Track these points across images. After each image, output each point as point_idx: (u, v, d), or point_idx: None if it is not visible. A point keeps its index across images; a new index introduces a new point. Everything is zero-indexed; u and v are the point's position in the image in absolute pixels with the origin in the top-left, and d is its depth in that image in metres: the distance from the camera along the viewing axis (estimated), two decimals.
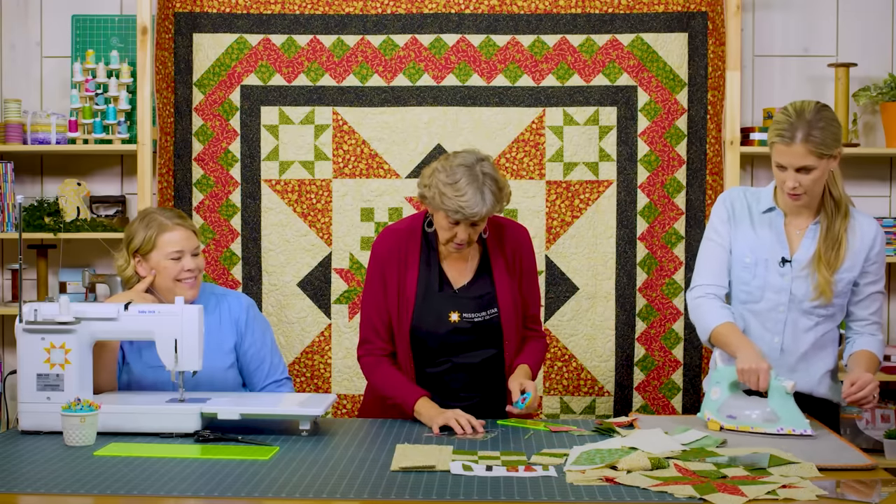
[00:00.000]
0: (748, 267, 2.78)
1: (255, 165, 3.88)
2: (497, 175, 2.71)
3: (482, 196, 2.64)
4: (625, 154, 3.84)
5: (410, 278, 2.81)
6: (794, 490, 2.02)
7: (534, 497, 2.00)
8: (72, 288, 3.94)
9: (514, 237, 2.89)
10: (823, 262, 2.70)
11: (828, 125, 2.64)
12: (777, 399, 2.50)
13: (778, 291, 2.75)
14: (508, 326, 2.82)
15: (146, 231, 2.82)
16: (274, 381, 2.94)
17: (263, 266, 3.88)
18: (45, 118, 3.89)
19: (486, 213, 2.66)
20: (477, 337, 2.81)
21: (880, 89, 3.86)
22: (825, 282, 2.69)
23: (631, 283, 3.85)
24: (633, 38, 3.83)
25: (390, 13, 3.86)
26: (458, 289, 2.83)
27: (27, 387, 2.57)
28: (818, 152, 2.62)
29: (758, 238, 2.79)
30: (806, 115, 2.64)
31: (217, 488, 2.06)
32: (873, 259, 2.76)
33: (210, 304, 2.90)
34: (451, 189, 2.64)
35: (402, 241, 2.84)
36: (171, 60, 3.87)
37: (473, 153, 2.74)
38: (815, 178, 2.65)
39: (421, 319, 2.79)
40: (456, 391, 2.82)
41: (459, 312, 2.80)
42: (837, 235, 2.71)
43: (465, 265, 2.85)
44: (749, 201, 2.84)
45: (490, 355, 2.83)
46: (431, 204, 2.71)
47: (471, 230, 2.71)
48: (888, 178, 4.07)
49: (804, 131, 2.62)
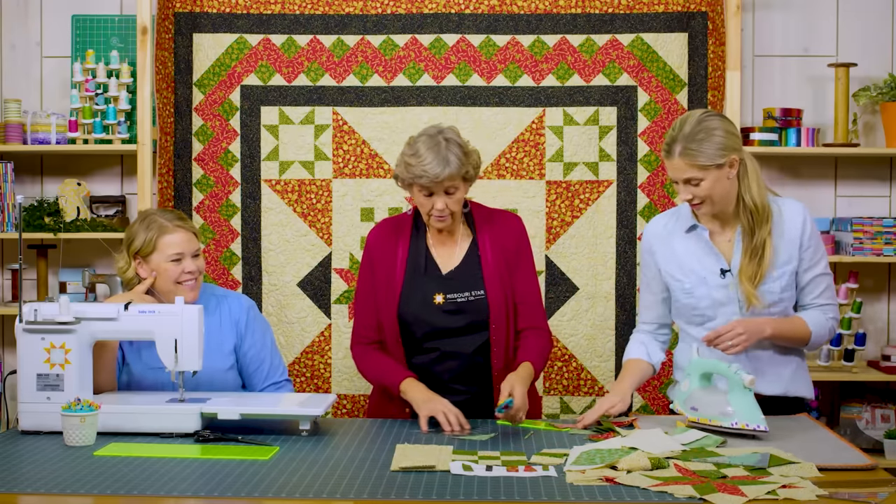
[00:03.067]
0: (690, 291, 2.76)
1: (255, 165, 3.88)
2: (462, 141, 2.78)
3: (445, 158, 2.70)
4: (625, 154, 3.84)
5: (399, 265, 2.84)
6: (794, 490, 2.02)
7: (534, 497, 2.00)
8: (72, 288, 3.94)
9: (506, 225, 2.90)
10: (745, 274, 2.68)
11: (708, 136, 2.61)
12: (735, 394, 2.49)
13: (726, 304, 2.73)
14: (496, 307, 2.80)
15: (146, 233, 2.82)
16: (274, 382, 2.94)
17: (263, 266, 3.88)
18: (45, 118, 3.89)
19: (450, 175, 2.70)
20: (464, 321, 2.80)
21: (880, 89, 3.86)
22: (750, 293, 2.67)
23: (631, 283, 3.85)
24: (633, 38, 3.83)
25: (390, 13, 3.86)
26: (446, 272, 2.84)
27: (27, 387, 2.57)
28: (698, 164, 2.61)
29: (688, 259, 2.77)
30: (685, 127, 2.63)
31: (217, 488, 2.06)
32: (807, 244, 2.72)
33: (210, 305, 2.90)
34: (414, 158, 2.73)
35: (392, 230, 2.90)
36: (171, 60, 3.87)
37: (435, 126, 2.81)
38: (709, 188, 2.64)
39: (407, 303, 2.81)
40: (445, 383, 2.80)
41: (444, 294, 2.81)
42: (761, 245, 2.68)
43: (454, 249, 2.87)
44: (669, 228, 2.83)
45: (480, 343, 2.81)
46: (404, 182, 2.78)
47: (447, 199, 2.74)
48: (888, 178, 4.07)
49: (681, 145, 2.62)
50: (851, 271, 3.87)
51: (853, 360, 3.84)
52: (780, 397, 2.76)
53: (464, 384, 2.83)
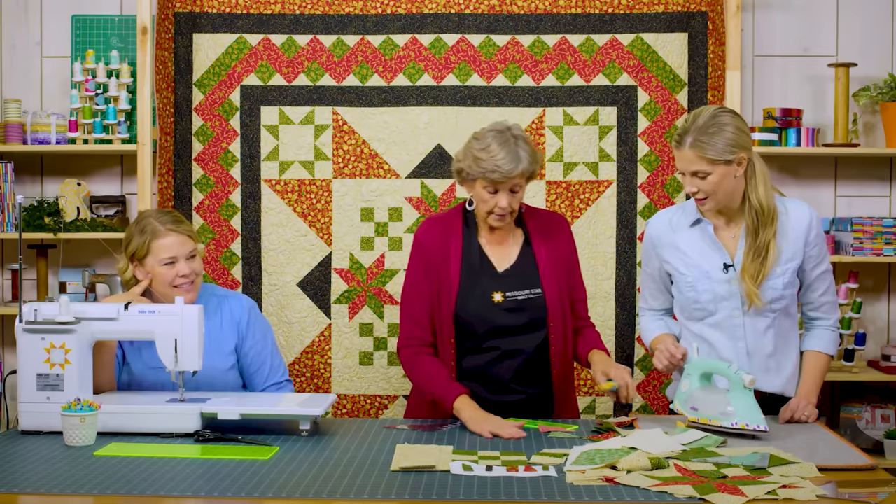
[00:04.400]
0: (692, 285, 2.78)
1: (255, 165, 3.88)
2: (528, 139, 2.76)
3: (517, 154, 2.69)
4: (625, 154, 3.84)
5: (454, 263, 2.81)
6: (794, 490, 2.02)
7: (534, 497, 2.00)
8: (72, 288, 3.94)
9: (554, 224, 2.91)
10: (748, 273, 2.70)
11: (720, 130, 2.64)
12: (735, 393, 2.49)
13: (728, 298, 2.75)
14: (553, 305, 2.79)
15: (140, 237, 2.82)
16: (274, 383, 2.94)
17: (263, 266, 3.88)
18: (45, 118, 3.89)
19: (522, 171, 2.69)
20: (524, 319, 2.78)
21: (880, 89, 3.86)
22: (752, 292, 2.69)
23: (631, 283, 3.85)
24: (633, 38, 3.83)
25: (390, 13, 3.86)
26: (502, 271, 2.82)
27: (27, 387, 2.57)
28: (707, 158, 2.63)
29: (692, 253, 2.79)
30: (699, 119, 2.67)
31: (217, 488, 2.06)
32: (813, 242, 2.76)
33: (211, 305, 2.90)
34: (485, 153, 2.70)
35: (443, 229, 2.86)
36: (171, 60, 3.87)
37: (502, 122, 2.79)
38: (715, 183, 2.66)
39: (465, 302, 2.78)
40: (506, 384, 2.77)
41: (503, 292, 2.79)
42: (764, 245, 2.70)
43: (507, 249, 2.85)
44: (674, 222, 2.85)
45: (540, 341, 2.79)
46: (469, 175, 2.74)
47: (511, 197, 2.72)
48: (888, 178, 4.07)
49: (693, 136, 2.65)
50: (851, 271, 3.87)
51: (853, 360, 3.84)
52: (781, 396, 2.77)
53: (523, 384, 2.79)
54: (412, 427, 2.65)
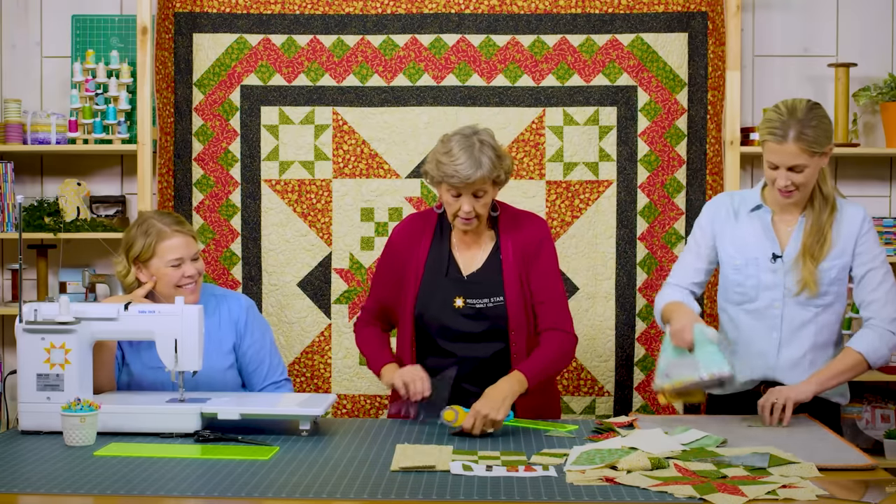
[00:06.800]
0: (739, 268, 2.79)
1: (255, 165, 3.88)
2: (496, 144, 2.75)
3: (477, 160, 2.67)
4: (625, 154, 3.84)
5: (418, 262, 2.83)
6: (794, 490, 2.02)
7: (534, 497, 2.00)
8: (72, 288, 3.94)
9: (530, 228, 2.86)
10: (808, 254, 2.71)
11: (819, 123, 2.66)
12: (699, 347, 2.55)
13: (772, 288, 2.76)
14: (515, 315, 2.77)
15: (145, 238, 2.81)
16: (273, 382, 2.94)
17: (263, 266, 3.88)
18: (45, 118, 3.89)
19: (482, 177, 2.67)
20: (483, 327, 2.78)
21: (880, 89, 3.86)
22: (809, 274, 2.70)
23: (631, 283, 3.85)
24: (633, 38, 3.83)
25: (390, 13, 3.86)
26: (468, 275, 2.82)
27: (27, 387, 2.57)
28: (810, 150, 2.63)
29: (746, 238, 2.80)
30: (798, 113, 2.66)
31: (217, 488, 2.06)
32: (863, 241, 2.76)
33: (210, 304, 2.90)
34: (447, 157, 2.69)
35: (416, 226, 2.89)
36: (171, 60, 3.87)
37: (471, 126, 2.78)
38: (807, 176, 2.67)
39: (426, 304, 2.80)
40: (458, 384, 2.74)
41: (464, 298, 2.79)
42: (823, 229, 2.72)
43: (477, 252, 2.84)
44: (735, 205, 2.86)
45: (498, 349, 2.79)
46: (433, 178, 2.75)
47: (475, 202, 2.72)
48: (888, 178, 4.07)
49: (796, 129, 2.63)
50: None
51: None
52: (814, 399, 2.72)
53: (477, 385, 2.74)
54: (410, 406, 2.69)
